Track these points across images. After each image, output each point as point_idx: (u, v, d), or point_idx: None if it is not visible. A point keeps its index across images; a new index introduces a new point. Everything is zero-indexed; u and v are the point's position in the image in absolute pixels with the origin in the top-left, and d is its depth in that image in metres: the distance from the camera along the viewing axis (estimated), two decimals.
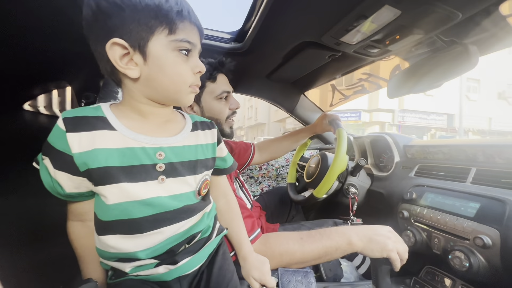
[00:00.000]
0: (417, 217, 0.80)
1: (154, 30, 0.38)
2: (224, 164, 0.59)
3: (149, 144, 0.42)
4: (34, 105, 1.22)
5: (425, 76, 0.77)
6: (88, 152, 0.38)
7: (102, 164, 0.38)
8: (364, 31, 0.71)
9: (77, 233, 0.46)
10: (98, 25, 0.38)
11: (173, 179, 0.44)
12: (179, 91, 0.43)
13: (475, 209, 0.67)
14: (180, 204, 0.45)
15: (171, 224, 0.44)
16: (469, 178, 0.76)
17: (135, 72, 0.40)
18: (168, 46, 0.40)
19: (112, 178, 0.39)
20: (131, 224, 0.41)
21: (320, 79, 1.28)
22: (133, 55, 0.39)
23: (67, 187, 0.40)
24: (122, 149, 0.40)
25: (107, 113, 0.41)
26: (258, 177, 1.58)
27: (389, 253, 0.63)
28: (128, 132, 0.41)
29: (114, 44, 0.37)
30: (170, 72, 0.41)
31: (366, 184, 1.10)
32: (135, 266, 0.43)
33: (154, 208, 0.42)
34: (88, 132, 0.38)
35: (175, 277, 0.45)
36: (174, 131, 0.47)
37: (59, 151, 0.38)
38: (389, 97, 0.92)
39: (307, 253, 0.65)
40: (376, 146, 1.19)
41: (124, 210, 0.40)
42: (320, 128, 1.09)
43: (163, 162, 0.43)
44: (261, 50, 0.96)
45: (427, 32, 0.68)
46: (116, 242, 0.41)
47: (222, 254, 0.54)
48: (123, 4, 0.36)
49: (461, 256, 0.63)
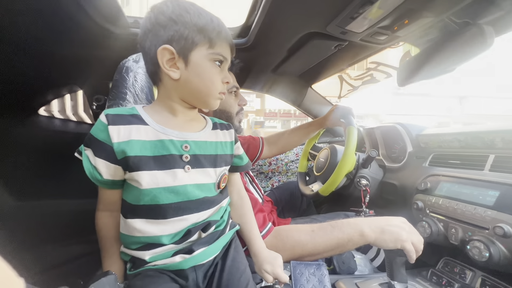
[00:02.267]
0: (433, 208, 0.78)
1: (198, 43, 0.46)
2: (240, 162, 0.64)
3: (177, 137, 0.48)
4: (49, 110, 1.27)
5: (438, 61, 0.73)
6: (125, 142, 0.44)
7: (137, 153, 0.44)
8: (370, 18, 0.69)
9: (106, 222, 0.51)
10: (153, 33, 0.46)
11: (197, 169, 0.50)
12: (210, 94, 0.50)
13: (494, 197, 0.64)
14: (201, 194, 0.50)
15: (192, 213, 0.48)
16: (487, 165, 0.73)
17: (176, 74, 0.47)
18: (206, 57, 0.48)
19: (145, 165, 0.45)
20: (157, 210, 0.46)
21: (327, 71, 1.25)
22: (177, 60, 0.46)
23: (105, 174, 0.46)
24: (153, 141, 0.46)
25: (141, 111, 0.48)
26: (268, 173, 1.58)
27: (403, 243, 0.61)
28: (159, 127, 0.47)
29: (164, 49, 0.45)
30: (205, 78, 0.48)
31: (379, 176, 1.07)
32: (155, 254, 0.47)
33: (179, 196, 0.47)
34: (126, 126, 0.45)
35: (191, 266, 0.48)
36: (198, 128, 0.54)
37: (100, 142, 0.44)
38: (399, 85, 0.89)
39: (319, 245, 0.65)
40: (388, 137, 1.16)
41: (153, 196, 0.45)
42: (330, 122, 1.06)
43: (188, 153, 0.49)
44: (266, 44, 0.95)
45: (438, 14, 0.65)
46: (142, 226, 0.46)
47: (235, 247, 0.56)
48: (178, 20, 0.45)
49: (481, 246, 0.61)
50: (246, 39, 0.93)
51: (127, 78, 0.84)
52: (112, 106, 0.82)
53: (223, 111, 0.84)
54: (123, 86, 0.83)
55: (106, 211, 0.51)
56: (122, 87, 0.84)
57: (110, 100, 0.90)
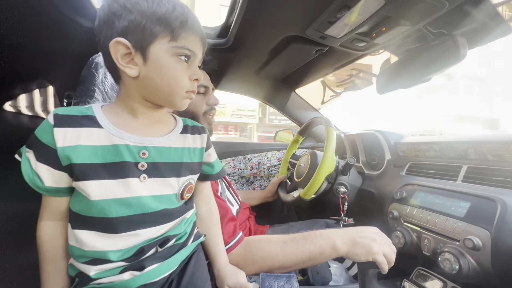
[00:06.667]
0: (407, 217, 0.77)
1: (157, 35, 0.41)
2: (211, 170, 0.59)
3: (134, 142, 0.43)
4: (15, 105, 1.18)
5: (414, 70, 0.73)
6: (72, 147, 0.40)
7: (84, 161, 0.40)
8: (348, 23, 0.68)
9: (50, 233, 0.45)
10: (107, 25, 0.41)
11: (155, 179, 0.45)
12: (175, 94, 0.45)
13: (465, 208, 0.64)
14: (159, 207, 0.45)
15: (147, 227, 0.44)
16: (460, 176, 0.73)
17: (134, 71, 0.42)
18: (168, 51, 0.42)
19: (93, 174, 0.40)
20: (106, 223, 0.41)
21: (310, 76, 1.24)
22: (134, 55, 0.41)
23: (47, 180, 0.41)
24: (106, 146, 0.41)
25: (97, 111, 0.43)
26: (250, 177, 1.55)
27: (375, 256, 0.60)
28: (114, 130, 0.42)
29: (117, 42, 0.40)
30: (168, 75, 0.43)
31: (357, 183, 1.07)
32: (100, 271, 0.42)
33: (132, 208, 0.42)
34: (75, 129, 0.40)
35: (140, 285, 0.43)
36: (162, 132, 0.48)
37: (44, 144, 0.39)
38: (378, 93, 0.89)
39: (290, 258, 0.62)
40: (368, 144, 1.16)
41: (101, 209, 0.41)
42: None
43: (146, 161, 0.44)
44: (246, 45, 0.92)
45: (414, 23, 0.65)
46: (89, 239, 0.42)
47: (196, 262, 0.51)
48: (133, 8, 0.40)
49: (451, 258, 0.60)
50: (225, 40, 0.91)
51: (95, 75, 0.79)
52: (78, 104, 0.77)
53: (187, 111, 0.77)
54: (91, 83, 0.78)
55: (52, 220, 0.45)
56: (90, 84, 0.79)
57: (76, 97, 0.84)
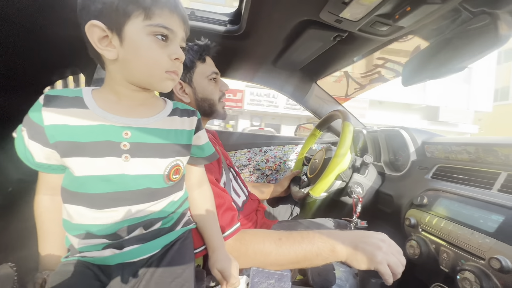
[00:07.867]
0: (426, 226, 0.68)
1: (131, 15, 0.41)
2: (201, 153, 0.58)
3: (117, 123, 0.44)
4: None
5: (446, 57, 0.63)
6: (58, 126, 0.42)
7: (69, 138, 0.42)
8: (365, 3, 0.59)
9: (46, 206, 0.49)
10: (85, 10, 0.41)
11: (139, 159, 0.45)
12: (153, 75, 0.45)
13: (497, 223, 0.54)
14: (142, 185, 0.46)
15: (128, 204, 0.45)
16: (497, 184, 0.62)
17: (112, 53, 0.42)
18: (143, 30, 0.42)
19: (77, 151, 0.42)
20: (90, 198, 0.43)
21: (331, 65, 1.15)
22: (111, 38, 0.42)
23: (37, 156, 0.44)
24: (90, 126, 0.43)
25: (86, 94, 0.45)
26: (265, 170, 1.52)
27: (377, 265, 0.54)
28: (99, 111, 0.44)
29: (91, 25, 0.40)
30: (144, 56, 0.43)
31: (376, 184, 0.97)
32: (85, 245, 0.44)
33: (113, 185, 0.44)
34: (62, 109, 0.42)
35: (118, 263, 0.44)
36: (148, 114, 0.49)
37: (34, 122, 0.42)
38: (404, 85, 0.79)
39: (283, 256, 0.59)
40: (392, 142, 1.05)
41: (84, 184, 0.43)
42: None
43: (128, 141, 0.45)
44: (259, 32, 0.88)
45: (445, 0, 0.54)
46: (76, 212, 0.44)
47: (179, 248, 0.50)
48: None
49: (472, 278, 0.52)
50: (238, 26, 0.88)
51: None
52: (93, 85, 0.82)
53: (205, 98, 0.80)
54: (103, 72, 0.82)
55: (47, 195, 0.49)
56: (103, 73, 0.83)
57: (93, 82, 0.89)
